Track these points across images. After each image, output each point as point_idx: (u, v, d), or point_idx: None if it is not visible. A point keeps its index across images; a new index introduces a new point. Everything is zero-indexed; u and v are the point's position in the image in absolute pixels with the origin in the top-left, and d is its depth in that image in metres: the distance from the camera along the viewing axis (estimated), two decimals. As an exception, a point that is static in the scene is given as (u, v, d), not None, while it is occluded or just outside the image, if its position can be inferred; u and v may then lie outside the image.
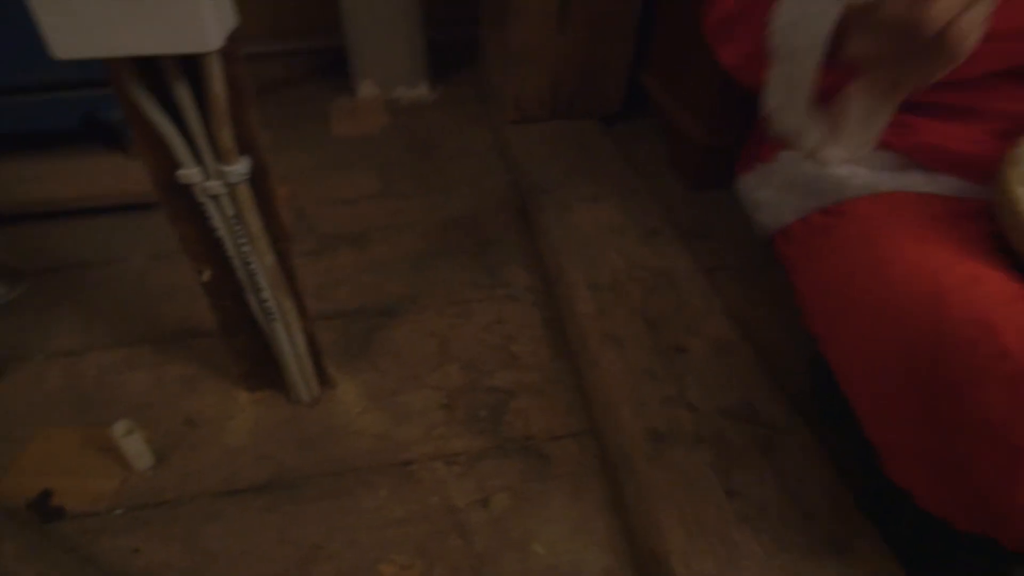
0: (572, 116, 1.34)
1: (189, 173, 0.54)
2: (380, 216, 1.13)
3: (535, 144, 1.26)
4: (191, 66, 0.49)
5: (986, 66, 0.67)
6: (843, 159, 0.66)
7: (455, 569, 0.63)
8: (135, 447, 0.71)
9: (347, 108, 1.47)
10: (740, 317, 0.87)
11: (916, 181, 0.69)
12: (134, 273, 1.03)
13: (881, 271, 0.57)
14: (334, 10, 1.42)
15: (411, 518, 0.68)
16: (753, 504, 0.63)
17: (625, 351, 0.80)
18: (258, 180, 0.58)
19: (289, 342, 0.73)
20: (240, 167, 0.54)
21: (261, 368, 0.78)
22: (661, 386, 0.75)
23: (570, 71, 1.27)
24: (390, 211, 1.14)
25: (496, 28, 1.35)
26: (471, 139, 1.37)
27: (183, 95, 0.49)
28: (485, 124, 1.42)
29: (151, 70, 0.49)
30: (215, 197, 0.56)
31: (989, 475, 0.44)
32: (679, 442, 0.69)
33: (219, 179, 0.55)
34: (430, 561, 0.64)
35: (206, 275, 0.65)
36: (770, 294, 0.93)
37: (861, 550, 0.60)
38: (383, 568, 0.63)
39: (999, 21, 0.65)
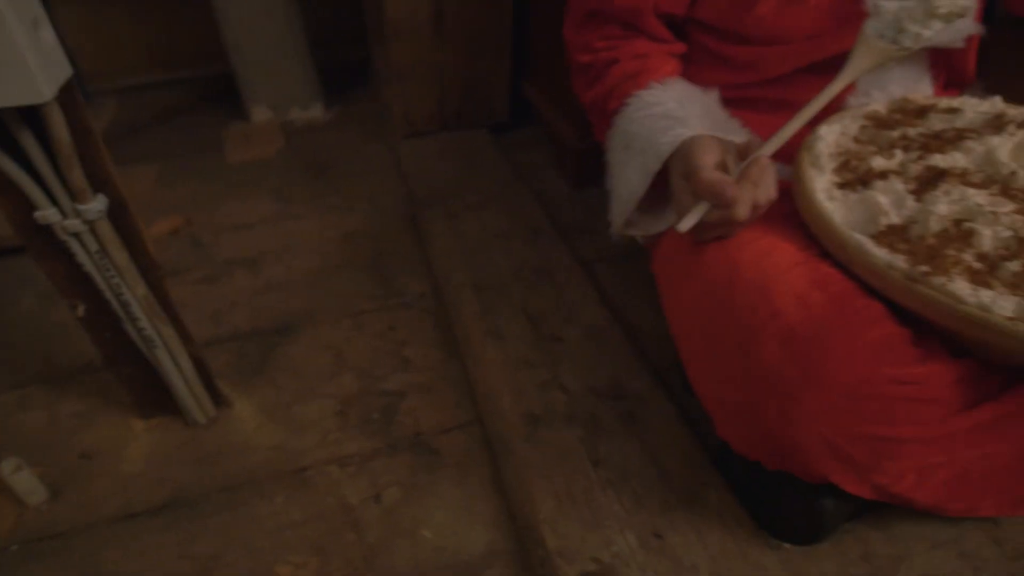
0: (461, 127, 1.40)
1: (46, 214, 0.57)
2: (276, 237, 1.16)
3: (426, 157, 1.32)
4: (32, 114, 0.51)
5: (792, 65, 0.76)
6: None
7: (349, 561, 0.67)
8: (25, 483, 0.72)
9: (241, 133, 1.48)
10: (614, 303, 0.95)
11: (741, 169, 0.78)
12: (24, 314, 1.02)
13: (697, 247, 0.65)
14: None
15: (307, 520, 0.71)
16: (616, 470, 0.70)
17: (506, 344, 0.86)
18: (118, 215, 0.61)
19: (175, 367, 0.75)
20: (96, 204, 0.57)
21: (154, 395, 0.80)
22: (538, 373, 0.81)
23: (454, 85, 1.33)
24: (286, 232, 1.17)
25: (380, 46, 1.40)
26: (367, 156, 1.41)
27: (28, 142, 0.52)
28: (380, 140, 1.47)
29: (-4, 119, 0.51)
30: (76, 235, 0.59)
31: (773, 419, 0.52)
32: (553, 422, 0.75)
33: (77, 217, 0.57)
34: (325, 557, 0.68)
35: (80, 310, 0.67)
36: (644, 278, 1.01)
37: (710, 500, 0.67)
38: (279, 569, 0.67)
39: (796, 27, 0.74)
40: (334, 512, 0.72)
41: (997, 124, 0.66)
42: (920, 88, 0.79)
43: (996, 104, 0.70)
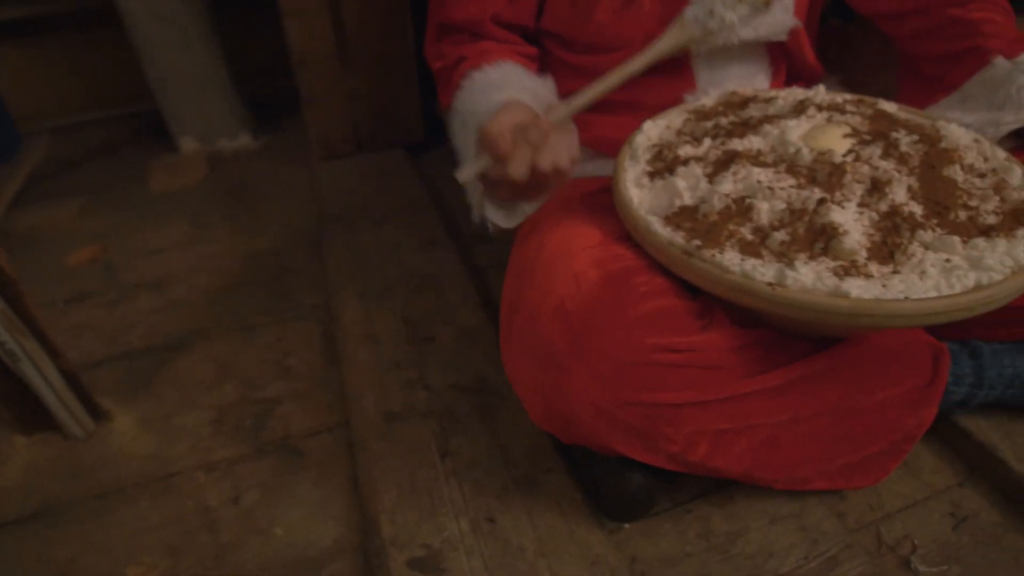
0: (377, 148, 1.44)
1: None
2: (186, 260, 1.19)
3: (341, 178, 1.36)
4: None
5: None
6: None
7: (200, 560, 0.69)
8: None
9: (168, 165, 1.53)
10: (496, 304, 0.98)
11: (597, 167, 0.81)
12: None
13: (529, 240, 0.68)
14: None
15: (165, 523, 0.73)
16: (464, 461, 0.72)
17: (380, 347, 0.88)
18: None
19: (44, 382, 0.77)
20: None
21: (31, 411, 0.82)
22: (405, 373, 0.84)
23: (366, 109, 1.37)
24: (196, 255, 1.20)
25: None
26: (287, 180, 1.45)
27: None
28: (304, 165, 1.51)
29: None
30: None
31: (551, 391, 0.54)
32: (410, 419, 0.77)
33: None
34: (177, 557, 0.69)
35: (-65, 325, 0.70)
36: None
37: (550, 484, 0.69)
38: (130, 570, 0.68)
39: (634, 31, 0.79)
40: (192, 515, 0.73)
41: (800, 109, 0.69)
42: (756, 83, 0.83)
43: (807, 92, 0.74)
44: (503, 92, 0.67)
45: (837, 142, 0.62)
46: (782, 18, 0.76)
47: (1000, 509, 0.68)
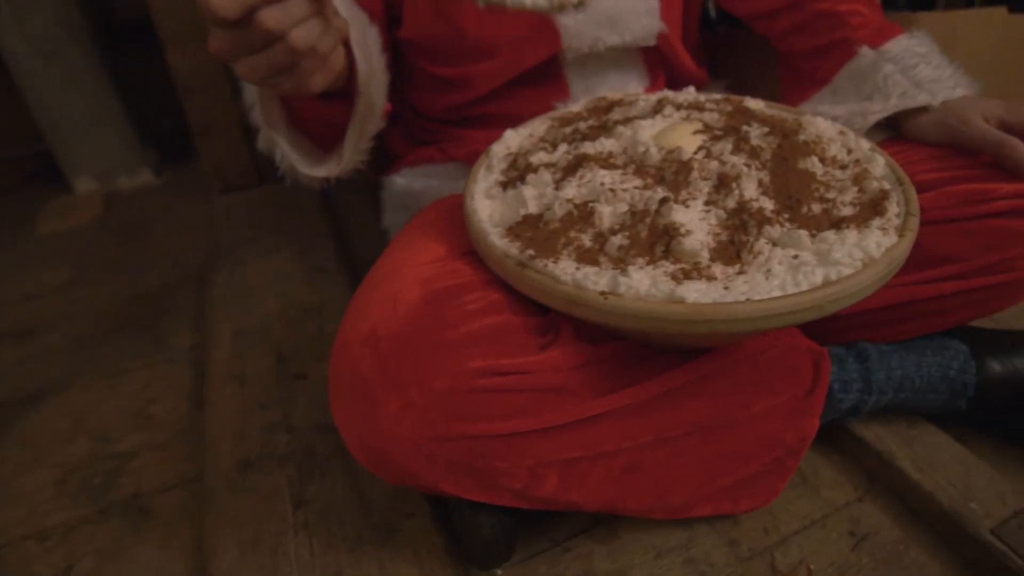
0: (282, 179, 1.37)
1: None
2: (61, 306, 1.10)
3: (237, 211, 1.29)
4: None
5: (503, 77, 0.76)
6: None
7: (10, 649, 0.60)
8: None
9: (59, 206, 1.44)
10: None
11: (471, 183, 0.76)
12: None
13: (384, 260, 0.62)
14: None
15: (-21, 606, 0.64)
16: (317, 510, 0.64)
17: (245, 387, 0.81)
18: None
19: None
20: None
21: None
22: (268, 414, 0.76)
23: (263, 137, 1.31)
24: (73, 300, 1.11)
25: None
26: (187, 216, 1.37)
27: None
28: (205, 200, 1.43)
29: None
30: None
31: (365, 428, 0.47)
32: (266, 466, 0.70)
33: None
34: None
35: None
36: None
37: (408, 529, 0.62)
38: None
39: (498, 36, 0.75)
40: (13, 593, 0.65)
41: (658, 108, 0.65)
42: (631, 90, 0.80)
43: (670, 92, 0.70)
44: None
45: (687, 139, 0.58)
46: (647, 22, 0.73)
47: (901, 523, 0.63)
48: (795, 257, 0.47)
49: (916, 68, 0.64)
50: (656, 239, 0.49)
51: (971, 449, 0.69)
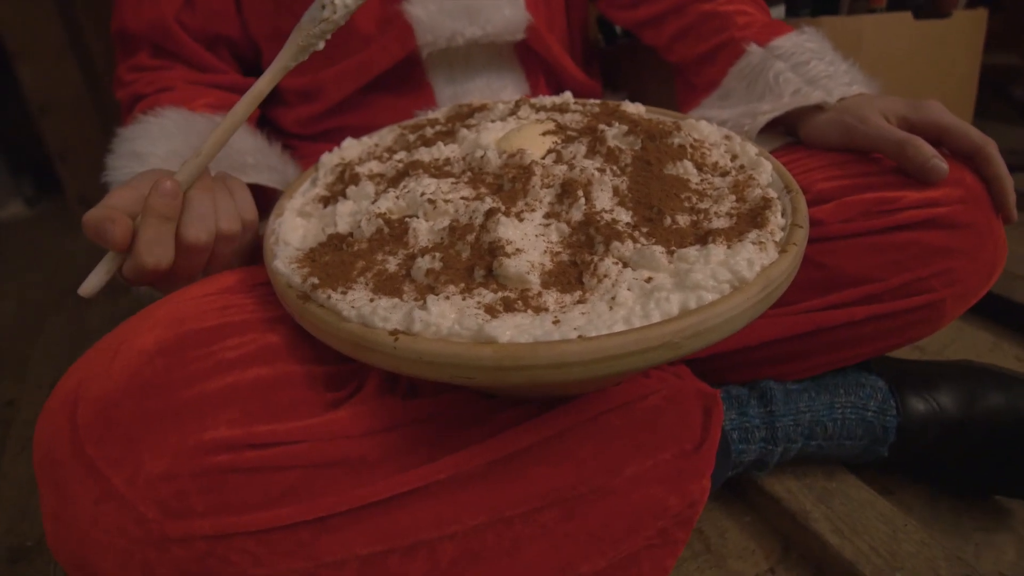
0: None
1: None
2: None
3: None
4: None
5: (353, 84, 0.66)
6: None
7: None
8: None
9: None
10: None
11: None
12: None
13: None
14: None
15: None
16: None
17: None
18: None
19: None
20: None
21: None
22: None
23: (136, 162, 1.19)
24: None
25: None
26: (51, 251, 1.22)
27: None
28: (77, 232, 1.29)
29: None
30: None
31: (59, 525, 0.34)
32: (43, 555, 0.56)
33: None
34: None
35: None
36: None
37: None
38: None
39: (342, 38, 0.64)
40: None
41: (514, 111, 0.56)
42: (505, 97, 0.71)
43: (538, 97, 0.61)
44: (144, 161, 0.52)
45: (534, 141, 0.48)
46: (511, 13, 0.64)
47: (818, 599, 0.53)
48: (648, 280, 0.37)
49: (808, 64, 0.56)
50: (477, 261, 0.39)
51: (899, 501, 0.60)
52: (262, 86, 0.45)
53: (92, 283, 0.42)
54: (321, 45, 0.44)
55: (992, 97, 1.32)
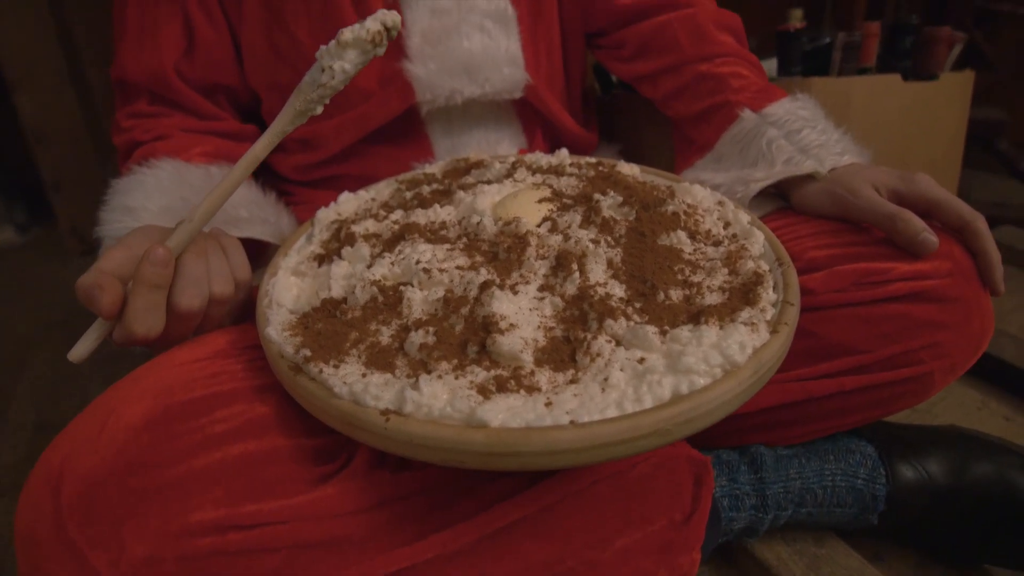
0: (152, 240, 1.24)
1: None
2: None
3: (94, 275, 1.14)
4: None
5: (353, 135, 0.66)
6: None
7: None
8: None
9: None
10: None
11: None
12: None
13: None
14: None
15: None
16: None
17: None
18: None
19: None
20: None
21: None
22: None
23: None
24: None
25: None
26: (39, 280, 1.21)
27: None
28: (66, 261, 1.28)
29: None
30: None
31: None
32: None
33: None
34: None
35: None
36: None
37: None
38: None
39: (343, 92, 0.65)
40: None
41: (511, 172, 0.56)
42: (501, 150, 0.71)
43: (536, 155, 0.61)
44: (137, 216, 0.52)
45: (530, 209, 0.48)
46: (510, 72, 0.65)
47: (807, 674, 0.52)
48: (641, 361, 0.37)
49: (801, 133, 0.57)
50: (470, 336, 0.38)
51: (889, 568, 0.59)
52: (258, 151, 0.45)
53: (82, 348, 0.42)
54: (319, 110, 0.44)
55: (979, 150, 1.35)
